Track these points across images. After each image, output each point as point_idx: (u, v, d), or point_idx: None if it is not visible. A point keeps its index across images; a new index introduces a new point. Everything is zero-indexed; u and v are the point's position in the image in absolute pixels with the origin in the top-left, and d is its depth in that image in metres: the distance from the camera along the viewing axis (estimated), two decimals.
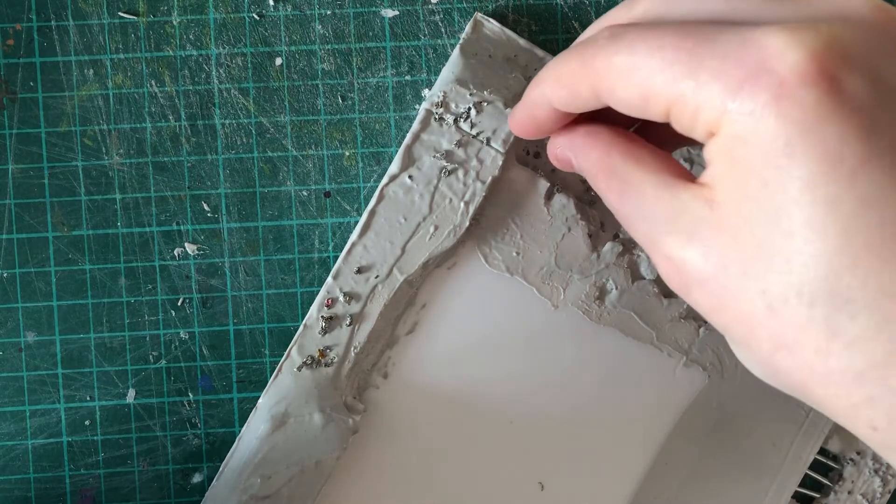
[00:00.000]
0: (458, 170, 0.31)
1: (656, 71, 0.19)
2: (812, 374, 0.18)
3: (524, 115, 0.25)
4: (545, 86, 0.23)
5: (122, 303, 0.33)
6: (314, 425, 0.31)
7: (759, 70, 0.18)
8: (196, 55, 0.33)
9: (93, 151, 0.33)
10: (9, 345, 0.33)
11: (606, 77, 0.20)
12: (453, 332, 0.33)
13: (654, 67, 0.19)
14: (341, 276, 0.32)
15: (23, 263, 0.33)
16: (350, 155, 0.33)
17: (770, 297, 0.18)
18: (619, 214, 0.22)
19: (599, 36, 0.21)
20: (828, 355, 0.17)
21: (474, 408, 0.33)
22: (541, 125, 0.24)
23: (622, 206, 0.22)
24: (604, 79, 0.20)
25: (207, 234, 0.33)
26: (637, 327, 0.33)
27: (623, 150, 0.22)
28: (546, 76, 0.23)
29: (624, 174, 0.21)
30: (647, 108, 0.20)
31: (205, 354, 0.33)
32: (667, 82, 0.19)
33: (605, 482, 0.34)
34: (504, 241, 0.32)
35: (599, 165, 0.22)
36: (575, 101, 0.22)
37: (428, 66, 0.33)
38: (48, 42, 0.32)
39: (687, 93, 0.19)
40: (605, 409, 0.33)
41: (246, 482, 0.31)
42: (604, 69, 0.20)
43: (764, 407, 0.34)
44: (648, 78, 0.19)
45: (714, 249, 0.19)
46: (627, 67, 0.20)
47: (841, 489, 0.35)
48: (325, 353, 0.32)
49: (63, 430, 0.33)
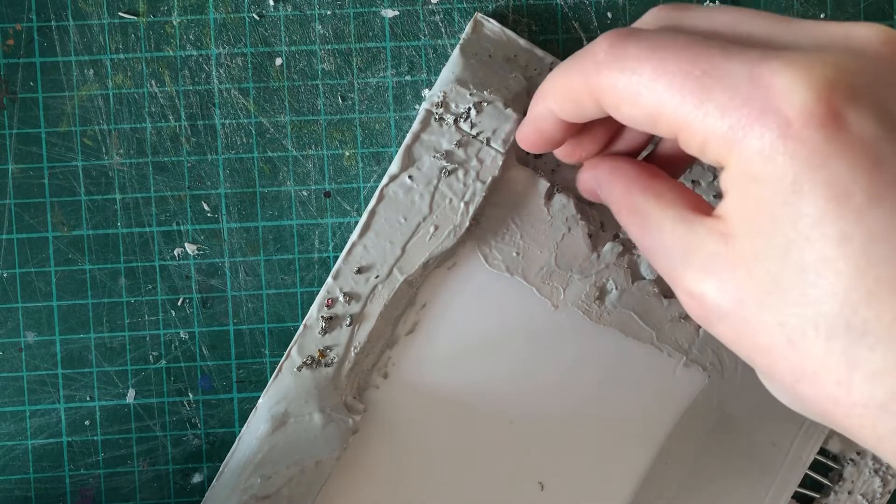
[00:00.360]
0: (458, 170, 0.31)
1: (663, 96, 0.19)
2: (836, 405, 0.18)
3: (531, 130, 0.25)
4: (549, 100, 0.23)
5: (122, 303, 0.33)
6: (314, 425, 0.31)
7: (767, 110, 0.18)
8: (196, 55, 0.33)
9: (93, 151, 0.33)
10: (9, 345, 0.33)
11: (611, 95, 0.20)
12: (453, 332, 0.33)
13: (660, 92, 0.19)
14: (341, 276, 0.32)
15: (23, 263, 0.33)
16: (350, 155, 0.33)
17: (788, 330, 0.18)
18: (641, 248, 0.22)
19: (598, 47, 0.21)
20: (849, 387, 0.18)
21: (474, 408, 0.33)
22: (549, 138, 0.24)
23: (643, 240, 0.22)
24: (608, 96, 0.20)
25: (207, 234, 0.33)
26: (637, 327, 0.33)
27: (643, 185, 0.22)
28: (548, 90, 0.23)
29: (644, 210, 0.22)
30: (655, 128, 0.20)
31: (205, 354, 0.33)
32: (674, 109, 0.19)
33: (605, 482, 0.34)
34: (504, 241, 0.32)
35: (622, 201, 0.23)
36: (580, 114, 0.22)
37: (428, 66, 0.33)
38: (48, 42, 0.32)
39: (694, 123, 0.19)
40: (605, 409, 0.33)
41: (246, 482, 0.31)
42: (607, 88, 0.20)
43: (764, 407, 0.34)
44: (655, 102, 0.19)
45: (730, 284, 0.19)
46: (632, 91, 0.20)
47: (841, 489, 0.35)
48: (325, 353, 0.32)
49: (63, 430, 0.33)
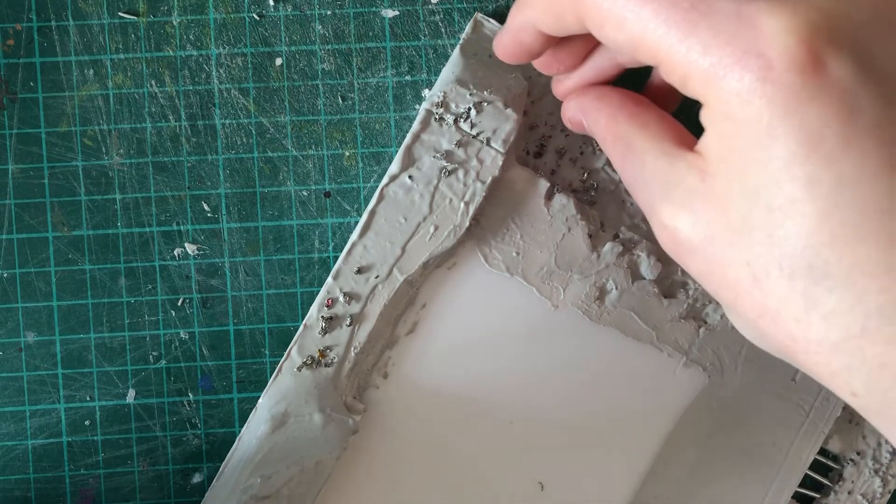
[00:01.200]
0: (458, 170, 0.31)
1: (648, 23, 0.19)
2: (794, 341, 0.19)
3: (511, 41, 0.24)
4: (530, 12, 0.23)
5: (122, 303, 0.33)
6: (314, 425, 0.31)
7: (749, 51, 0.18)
8: (196, 55, 0.33)
9: (93, 151, 0.33)
10: (9, 345, 0.33)
11: (595, 15, 0.20)
12: (453, 332, 0.33)
13: (645, 19, 0.19)
14: (341, 276, 0.32)
15: (23, 263, 0.33)
16: (350, 155, 0.33)
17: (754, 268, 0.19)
18: (622, 177, 0.22)
19: None
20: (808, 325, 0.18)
21: (474, 408, 0.33)
22: (528, 49, 0.24)
23: (624, 169, 0.22)
24: (592, 15, 0.20)
25: (207, 234, 0.33)
26: (637, 327, 0.33)
27: (629, 113, 0.22)
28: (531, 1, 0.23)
29: (628, 138, 0.22)
30: (635, 54, 0.20)
31: (205, 354, 0.33)
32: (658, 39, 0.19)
33: (605, 482, 0.34)
34: (504, 241, 0.32)
35: (607, 129, 0.23)
36: (562, 29, 0.22)
37: (428, 66, 0.33)
38: (48, 42, 0.32)
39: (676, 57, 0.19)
40: (605, 409, 0.33)
41: (246, 482, 0.31)
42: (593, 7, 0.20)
43: (764, 407, 0.34)
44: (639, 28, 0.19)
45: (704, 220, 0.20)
46: (617, 14, 0.20)
47: (841, 489, 0.35)
48: (325, 353, 0.32)
49: (63, 430, 0.33)
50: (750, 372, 0.33)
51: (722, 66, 0.18)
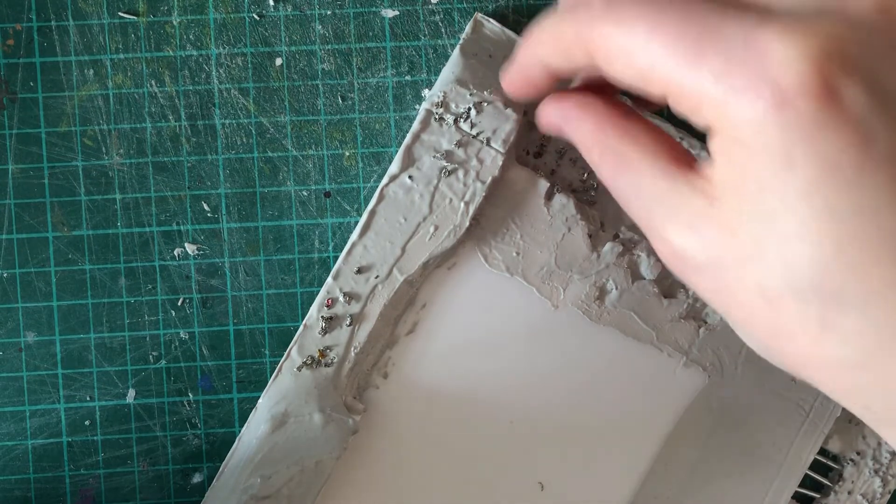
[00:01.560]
0: (458, 170, 0.31)
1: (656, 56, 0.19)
2: (808, 360, 0.19)
3: (518, 76, 0.24)
4: (539, 48, 0.23)
5: (122, 303, 0.33)
6: (314, 425, 0.31)
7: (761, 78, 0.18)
8: (196, 55, 0.33)
9: (93, 151, 0.33)
10: (9, 345, 0.33)
11: (603, 50, 0.20)
12: (453, 332, 0.33)
13: (653, 52, 0.19)
14: (341, 276, 0.32)
15: (23, 263, 0.33)
16: (350, 155, 0.33)
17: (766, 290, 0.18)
18: (612, 190, 0.22)
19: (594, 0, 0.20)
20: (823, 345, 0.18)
21: (474, 408, 0.33)
22: (537, 85, 0.24)
23: (616, 182, 0.22)
24: (600, 51, 0.20)
25: (207, 234, 0.33)
26: (637, 327, 0.33)
27: (617, 125, 0.22)
28: (540, 39, 0.22)
29: (620, 153, 0.21)
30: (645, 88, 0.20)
31: (205, 354, 0.33)
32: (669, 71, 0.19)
33: (605, 482, 0.34)
34: (504, 241, 0.32)
35: (594, 139, 0.22)
36: (570, 65, 0.22)
37: (428, 66, 0.33)
38: (48, 42, 0.32)
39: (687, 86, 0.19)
40: (605, 409, 0.33)
41: (246, 482, 0.31)
42: (600, 43, 0.20)
43: (764, 407, 0.34)
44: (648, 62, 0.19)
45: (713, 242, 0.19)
46: (625, 49, 0.20)
47: (841, 489, 0.35)
48: (325, 353, 0.32)
49: (63, 430, 0.33)
50: (750, 372, 0.33)
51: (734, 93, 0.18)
